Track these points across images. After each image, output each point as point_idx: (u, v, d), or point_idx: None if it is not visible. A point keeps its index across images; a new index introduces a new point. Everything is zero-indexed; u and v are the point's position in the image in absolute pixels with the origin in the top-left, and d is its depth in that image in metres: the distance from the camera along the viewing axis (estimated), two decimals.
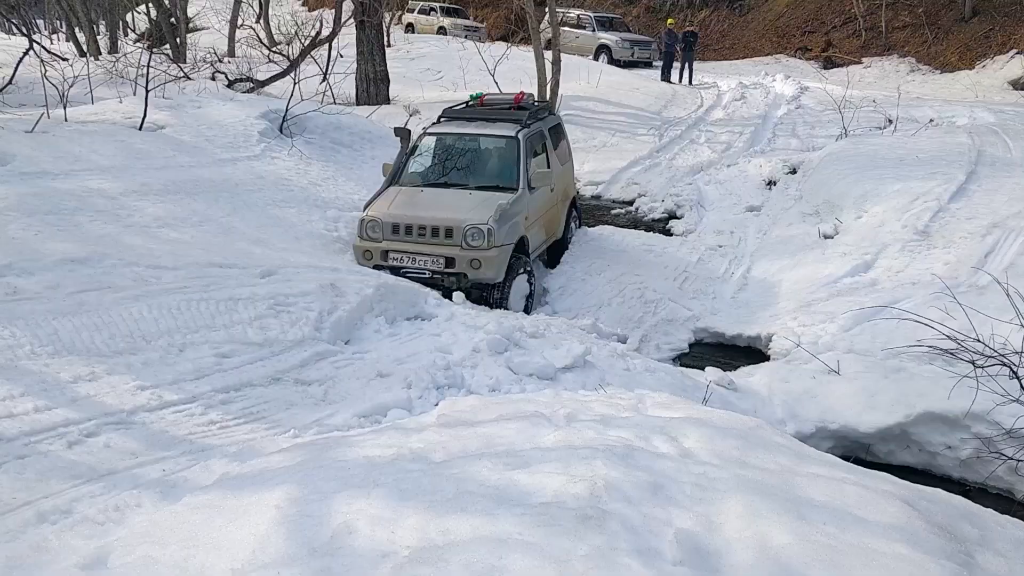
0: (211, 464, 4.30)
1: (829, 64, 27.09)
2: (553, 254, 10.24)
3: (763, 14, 31.43)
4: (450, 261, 8.01)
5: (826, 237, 9.94)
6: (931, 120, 16.37)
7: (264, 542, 2.82)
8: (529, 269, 8.59)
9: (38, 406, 4.64)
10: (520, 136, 9.00)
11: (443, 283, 8.08)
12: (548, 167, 9.60)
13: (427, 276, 8.05)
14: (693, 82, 23.89)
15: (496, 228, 8.00)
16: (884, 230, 9.20)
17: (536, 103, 9.84)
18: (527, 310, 8.55)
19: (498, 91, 17.89)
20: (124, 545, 3.08)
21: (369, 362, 6.25)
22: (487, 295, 8.23)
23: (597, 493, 2.95)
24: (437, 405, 4.69)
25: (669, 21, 26.31)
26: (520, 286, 8.48)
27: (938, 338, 5.71)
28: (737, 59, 29.69)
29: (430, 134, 9.53)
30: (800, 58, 28.25)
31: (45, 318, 5.58)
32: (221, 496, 3.40)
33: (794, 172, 13.10)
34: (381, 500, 3.00)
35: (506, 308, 8.15)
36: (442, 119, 9.76)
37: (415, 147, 9.50)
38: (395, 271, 8.04)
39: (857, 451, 6.14)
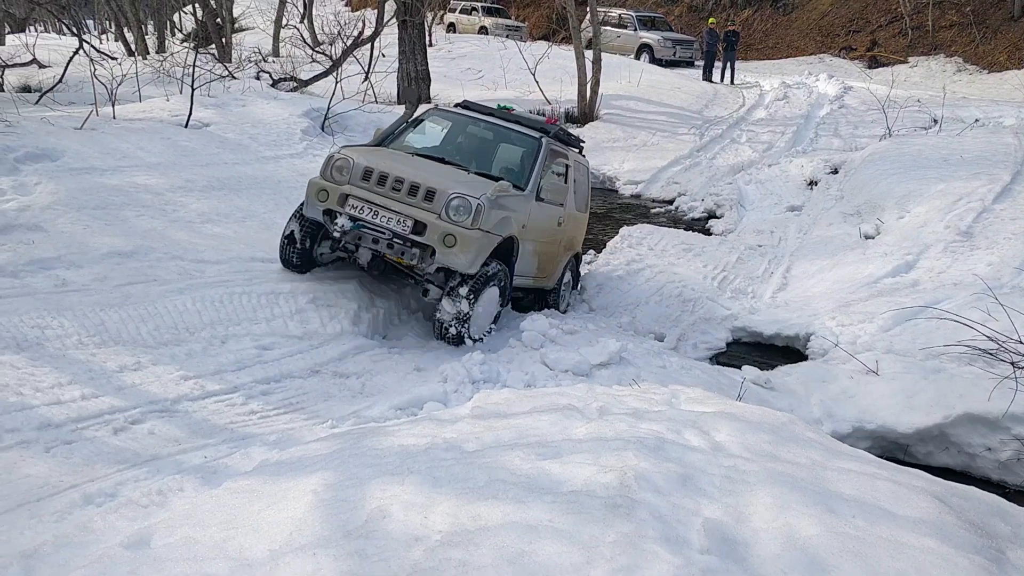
0: (251, 451, 4.40)
1: (874, 64, 26.72)
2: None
3: (807, 13, 31.10)
4: (420, 227, 6.36)
5: (867, 237, 9.84)
6: (976, 120, 16.12)
7: (301, 525, 2.89)
8: (504, 285, 6.91)
9: (85, 394, 4.77)
10: (544, 140, 7.76)
11: (402, 256, 6.47)
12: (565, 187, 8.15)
13: (386, 238, 6.42)
14: (735, 81, 23.74)
15: (487, 208, 6.41)
16: (926, 230, 9.09)
17: (567, 133, 8.74)
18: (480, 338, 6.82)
19: (540, 92, 18.01)
20: (166, 526, 3.17)
21: (406, 357, 6.34)
22: (446, 298, 6.56)
23: (627, 483, 2.98)
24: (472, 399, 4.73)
25: (711, 20, 26.18)
26: (489, 303, 6.82)
27: (978, 339, 5.66)
28: (780, 59, 29.43)
29: (442, 111, 8.44)
30: (845, 57, 27.90)
31: (92, 309, 5.74)
32: (260, 481, 3.48)
33: (836, 172, 12.99)
34: (414, 486, 3.06)
35: (467, 330, 6.59)
36: (458, 107, 8.38)
37: (419, 120, 8.23)
38: (351, 221, 6.51)
39: (895, 452, 6.07)
